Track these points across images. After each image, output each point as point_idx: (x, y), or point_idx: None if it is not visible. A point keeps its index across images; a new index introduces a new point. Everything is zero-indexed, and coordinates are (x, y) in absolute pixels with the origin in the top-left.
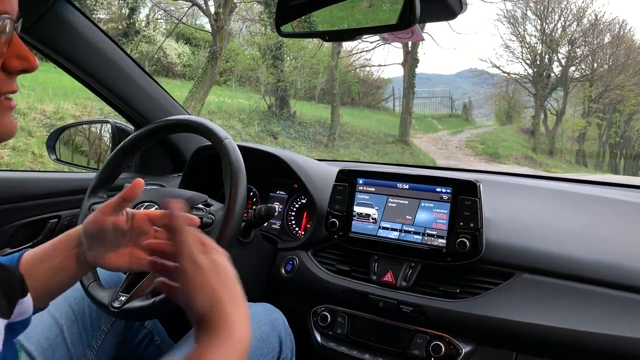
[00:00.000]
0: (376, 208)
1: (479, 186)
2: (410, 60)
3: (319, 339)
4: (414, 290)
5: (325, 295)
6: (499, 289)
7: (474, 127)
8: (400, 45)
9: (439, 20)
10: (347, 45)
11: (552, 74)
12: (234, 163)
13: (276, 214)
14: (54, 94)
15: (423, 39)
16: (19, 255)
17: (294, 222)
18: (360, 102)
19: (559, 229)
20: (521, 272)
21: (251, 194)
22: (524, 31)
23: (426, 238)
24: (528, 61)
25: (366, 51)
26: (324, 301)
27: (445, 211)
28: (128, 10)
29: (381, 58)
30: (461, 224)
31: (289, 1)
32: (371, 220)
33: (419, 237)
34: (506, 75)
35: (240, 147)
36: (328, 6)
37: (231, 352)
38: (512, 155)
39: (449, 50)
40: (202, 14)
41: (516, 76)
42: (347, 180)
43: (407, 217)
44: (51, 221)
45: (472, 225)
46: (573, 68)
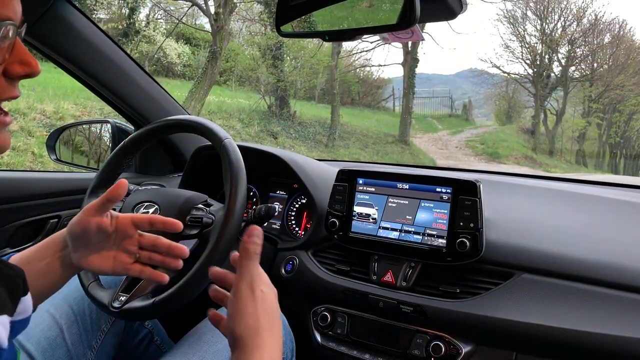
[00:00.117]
0: (376, 208)
1: (479, 186)
2: (410, 60)
3: (319, 339)
4: (414, 290)
5: (325, 295)
6: (499, 289)
7: (474, 127)
8: (400, 45)
9: (439, 20)
10: (347, 45)
11: (552, 74)
12: (234, 163)
13: (276, 214)
14: (53, 94)
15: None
16: (5, 260)
17: (294, 222)
18: (360, 102)
19: (559, 228)
20: (521, 272)
21: (251, 194)
22: (524, 31)
23: (426, 238)
24: (528, 61)
25: (366, 51)
26: (324, 301)
27: (445, 211)
28: (128, 10)
29: (381, 58)
30: (461, 224)
31: (289, 1)
32: (371, 220)
33: (419, 237)
34: (506, 75)
35: (240, 147)
36: (328, 6)
37: None
38: (512, 155)
39: (449, 50)
40: (202, 14)
41: (516, 76)
42: (347, 180)
43: (407, 217)
44: (51, 221)
45: (472, 225)
46: (573, 68)
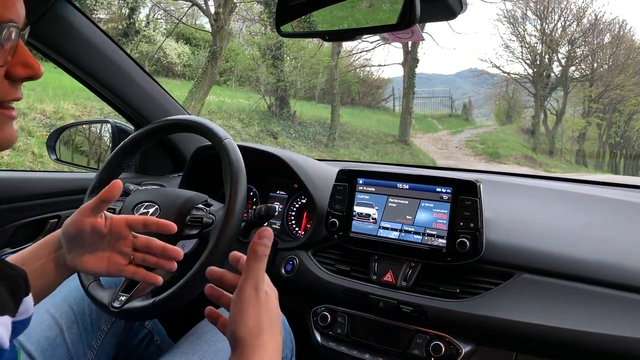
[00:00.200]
0: (376, 208)
1: (479, 186)
2: (410, 60)
3: (319, 338)
4: (414, 290)
5: (325, 295)
6: (499, 289)
7: (474, 127)
8: (400, 45)
9: (439, 20)
10: (347, 45)
11: (552, 74)
12: (234, 163)
13: (276, 214)
14: (53, 94)
15: (423, 39)
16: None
17: (294, 222)
18: (360, 102)
19: (559, 228)
20: (521, 272)
21: (251, 194)
22: (524, 31)
23: (426, 238)
24: (528, 61)
25: (366, 51)
26: (324, 301)
27: (446, 211)
28: (128, 10)
29: (381, 58)
30: (461, 224)
31: (289, 1)
32: (371, 220)
33: (419, 237)
34: (506, 75)
35: (240, 147)
36: (328, 6)
37: None
38: (512, 155)
39: (449, 50)
40: (202, 14)
41: (516, 76)
42: (347, 180)
43: (407, 217)
44: (51, 221)
45: (472, 225)
46: (573, 68)
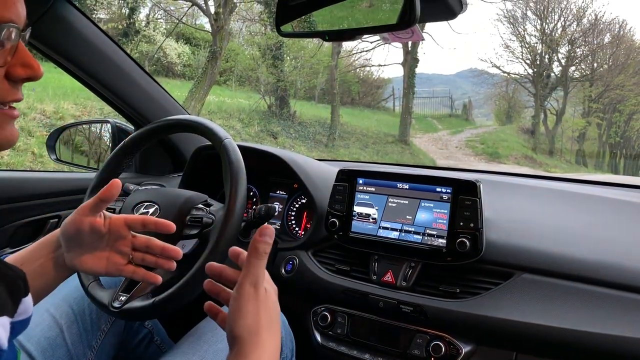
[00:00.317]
0: (376, 208)
1: (479, 186)
2: (410, 60)
3: (319, 338)
4: (414, 290)
5: (325, 295)
6: (499, 289)
7: (474, 127)
8: (400, 45)
9: (439, 20)
10: (347, 45)
11: (552, 74)
12: (234, 163)
13: (276, 214)
14: (53, 94)
15: (423, 39)
16: None
17: (294, 222)
18: (360, 102)
19: (559, 228)
20: (521, 272)
21: (251, 194)
22: (524, 31)
23: (426, 238)
24: (528, 61)
25: (366, 51)
26: (324, 301)
27: (445, 211)
28: (128, 10)
29: (381, 58)
30: (461, 224)
31: (289, 1)
32: (371, 220)
33: (419, 237)
34: (506, 75)
35: (240, 147)
36: (328, 6)
37: None
38: (512, 155)
39: (449, 50)
40: (202, 13)
41: (516, 76)
42: (347, 180)
43: (407, 217)
44: (51, 221)
45: (472, 225)
46: (573, 68)
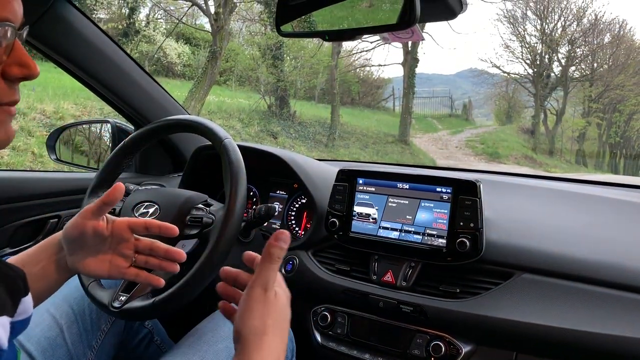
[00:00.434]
0: (376, 208)
1: (479, 186)
2: (410, 60)
3: (319, 338)
4: (414, 290)
5: (325, 295)
6: (499, 289)
7: (474, 127)
8: (400, 45)
9: (439, 20)
10: (347, 45)
11: (552, 74)
12: (234, 163)
13: (276, 214)
14: (53, 94)
15: (423, 39)
16: None
17: (294, 222)
18: (360, 102)
19: (559, 228)
20: (521, 272)
21: (251, 194)
22: (524, 31)
23: (426, 238)
24: (528, 61)
25: (366, 51)
26: (324, 301)
27: (446, 211)
28: (128, 10)
29: (381, 58)
30: (461, 223)
31: (289, 1)
32: (371, 220)
33: (419, 237)
34: (506, 75)
35: (240, 147)
36: (328, 6)
37: None
38: (512, 155)
39: (449, 50)
40: (202, 13)
41: (516, 76)
42: (347, 180)
43: (407, 217)
44: (51, 221)
45: (472, 225)
46: (573, 68)
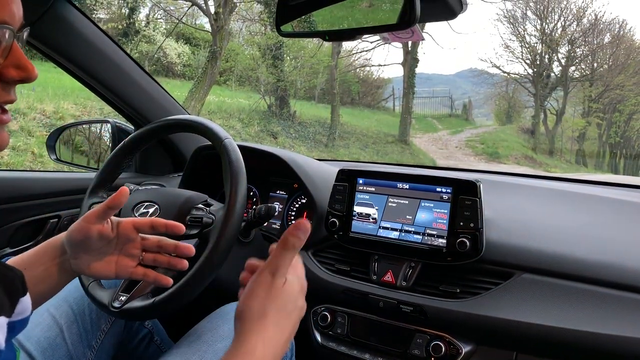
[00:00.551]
0: (376, 208)
1: (479, 186)
2: (410, 60)
3: (319, 338)
4: (414, 290)
5: (325, 295)
6: (499, 289)
7: (473, 127)
8: (400, 45)
9: (439, 20)
10: (347, 45)
11: (552, 74)
12: (234, 163)
13: (276, 214)
14: (53, 94)
15: (423, 39)
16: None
17: (294, 222)
18: (360, 102)
19: (559, 228)
20: (521, 272)
21: (251, 194)
22: (524, 31)
23: (426, 238)
24: (528, 61)
25: (366, 51)
26: (324, 301)
27: (446, 211)
28: (128, 10)
29: (381, 58)
30: (461, 223)
31: (289, 1)
32: (371, 220)
33: (419, 237)
34: (506, 75)
35: (240, 147)
36: (328, 6)
37: None
38: (512, 155)
39: (449, 50)
40: (202, 13)
41: (516, 76)
42: (347, 180)
43: (407, 217)
44: (51, 221)
45: (472, 225)
46: (573, 68)
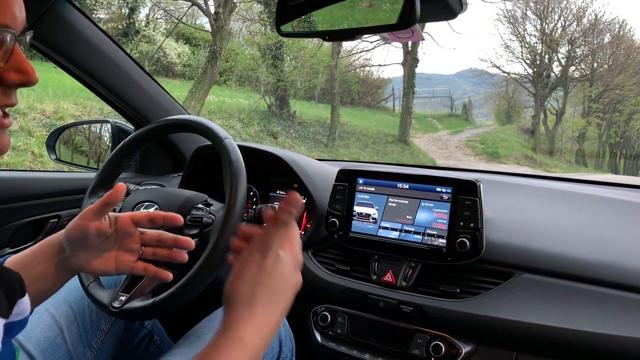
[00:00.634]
0: (376, 208)
1: (479, 186)
2: (410, 60)
3: (319, 338)
4: (414, 290)
5: (325, 295)
6: (499, 289)
7: (473, 127)
8: (400, 45)
9: (439, 20)
10: (347, 45)
11: (552, 74)
12: (234, 163)
13: None
14: (53, 94)
15: (423, 39)
16: (1, 261)
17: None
18: (360, 102)
19: (559, 228)
20: (521, 272)
21: (251, 193)
22: (523, 31)
23: (426, 238)
24: (528, 61)
25: (366, 51)
26: (324, 301)
27: (446, 211)
28: (128, 10)
29: (381, 58)
30: (461, 223)
31: (289, 1)
32: (371, 220)
33: (419, 237)
34: (506, 75)
35: (240, 147)
36: (328, 6)
37: (236, 356)
38: (512, 155)
39: (449, 50)
40: (202, 13)
41: (516, 76)
42: (347, 180)
43: (407, 216)
44: (51, 221)
45: (472, 225)
46: (573, 68)
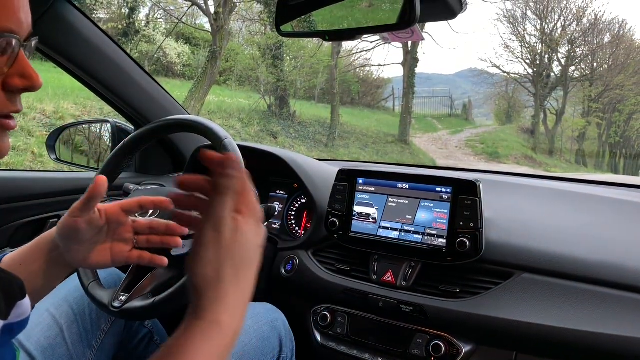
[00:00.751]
0: (376, 208)
1: (479, 186)
2: (410, 60)
3: (319, 338)
4: (414, 290)
5: (325, 295)
6: (499, 289)
7: (473, 126)
8: (400, 45)
9: (439, 20)
10: (347, 45)
11: (552, 74)
12: None
13: (276, 213)
14: (53, 94)
15: (423, 39)
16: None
17: (294, 222)
18: (360, 102)
19: (559, 228)
20: (521, 272)
21: None
22: (523, 31)
23: (426, 238)
24: (528, 61)
25: (366, 51)
26: (324, 301)
27: (445, 211)
28: (128, 10)
29: (381, 58)
30: (461, 223)
31: (289, 1)
32: (371, 220)
33: (419, 237)
34: (506, 75)
35: (240, 147)
36: (328, 6)
37: (215, 341)
38: (512, 155)
39: (449, 50)
40: (202, 13)
41: (516, 76)
42: (347, 180)
43: (407, 216)
44: (51, 221)
45: (472, 225)
46: (573, 68)
